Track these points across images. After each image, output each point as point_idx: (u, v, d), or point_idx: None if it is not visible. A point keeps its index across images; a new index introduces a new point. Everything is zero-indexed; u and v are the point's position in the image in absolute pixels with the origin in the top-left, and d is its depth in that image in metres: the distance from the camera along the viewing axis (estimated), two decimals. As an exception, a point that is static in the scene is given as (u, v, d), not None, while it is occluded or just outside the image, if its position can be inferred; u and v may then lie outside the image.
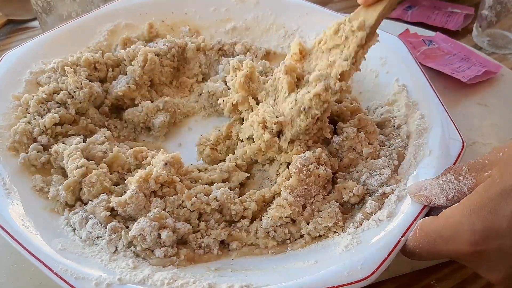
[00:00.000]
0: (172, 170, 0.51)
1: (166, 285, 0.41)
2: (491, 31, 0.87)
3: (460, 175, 0.42)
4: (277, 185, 0.51)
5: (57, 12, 0.84)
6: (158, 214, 0.46)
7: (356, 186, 0.50)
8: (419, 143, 0.54)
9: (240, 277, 0.43)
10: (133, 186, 0.48)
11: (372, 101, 0.65)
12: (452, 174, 0.43)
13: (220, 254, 0.48)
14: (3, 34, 0.95)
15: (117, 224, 0.47)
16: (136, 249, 0.46)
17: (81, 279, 0.41)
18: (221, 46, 0.76)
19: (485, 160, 0.41)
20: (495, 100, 0.73)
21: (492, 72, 0.76)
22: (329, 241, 0.47)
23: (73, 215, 0.49)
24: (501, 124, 0.69)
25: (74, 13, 0.85)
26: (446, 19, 0.95)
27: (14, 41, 0.93)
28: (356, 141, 0.55)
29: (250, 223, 0.50)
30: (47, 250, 0.44)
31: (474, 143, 0.66)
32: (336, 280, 0.40)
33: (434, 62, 0.78)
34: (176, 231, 0.46)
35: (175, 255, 0.46)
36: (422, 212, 0.45)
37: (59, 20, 0.84)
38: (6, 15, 0.97)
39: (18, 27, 0.97)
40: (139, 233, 0.45)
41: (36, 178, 0.53)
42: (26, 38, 0.93)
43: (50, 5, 0.83)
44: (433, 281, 0.53)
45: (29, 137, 0.57)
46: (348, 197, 0.50)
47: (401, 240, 0.43)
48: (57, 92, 0.61)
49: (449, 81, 0.75)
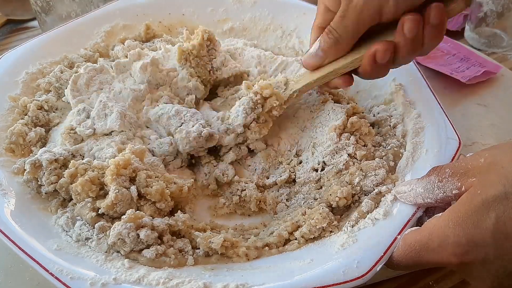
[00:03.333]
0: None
1: (162, 284, 0.41)
2: (483, 29, 0.86)
3: (444, 177, 0.42)
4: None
5: (57, 12, 0.84)
6: (133, 215, 0.46)
7: (340, 189, 0.49)
8: (416, 142, 0.54)
9: (235, 276, 0.43)
10: (112, 185, 0.48)
11: (368, 100, 0.65)
12: (435, 176, 0.43)
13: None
14: (2, 34, 0.95)
15: (105, 223, 0.47)
16: (120, 253, 0.45)
17: (76, 279, 0.41)
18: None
19: (468, 165, 0.41)
20: (495, 101, 0.73)
21: (491, 72, 0.76)
22: (325, 240, 0.47)
23: (61, 215, 0.49)
24: (501, 125, 0.69)
25: (74, 13, 0.85)
26: (446, 19, 0.95)
27: (14, 41, 0.93)
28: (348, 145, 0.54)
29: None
30: (42, 250, 0.44)
31: (474, 143, 0.66)
32: (332, 279, 0.40)
33: (433, 62, 0.78)
34: (155, 229, 0.46)
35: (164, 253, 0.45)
36: (417, 211, 0.45)
37: (59, 20, 0.84)
38: (5, 15, 0.97)
39: (17, 27, 0.98)
40: (117, 238, 0.44)
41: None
42: (25, 38, 0.93)
43: (49, 5, 0.84)
44: (432, 281, 0.52)
45: (25, 138, 0.57)
46: (336, 202, 0.50)
47: (397, 238, 0.43)
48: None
49: (448, 82, 0.75)
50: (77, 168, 0.51)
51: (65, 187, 0.50)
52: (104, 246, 0.45)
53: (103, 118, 0.56)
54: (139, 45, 0.72)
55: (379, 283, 0.51)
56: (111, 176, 0.48)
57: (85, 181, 0.49)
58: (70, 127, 0.57)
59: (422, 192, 0.44)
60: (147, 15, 0.78)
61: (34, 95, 0.64)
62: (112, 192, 0.47)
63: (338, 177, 0.52)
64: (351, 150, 0.53)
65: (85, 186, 0.49)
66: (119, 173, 0.48)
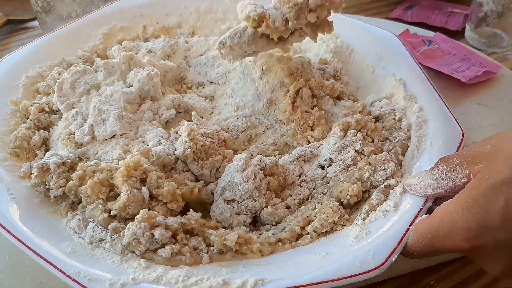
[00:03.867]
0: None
1: (181, 282, 0.41)
2: (484, 29, 0.88)
3: (452, 167, 0.42)
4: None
5: (57, 12, 0.84)
6: (146, 215, 0.46)
7: (351, 187, 0.50)
8: (420, 135, 0.54)
9: (253, 272, 0.43)
10: (124, 187, 0.48)
11: (369, 96, 0.66)
12: (443, 166, 0.43)
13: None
14: (2, 34, 0.95)
15: (118, 224, 0.47)
16: (135, 253, 0.45)
17: (94, 281, 0.41)
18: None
19: (475, 152, 0.41)
20: (495, 100, 0.73)
21: (492, 72, 0.76)
22: (337, 234, 0.48)
23: (71, 218, 0.49)
24: (501, 124, 0.69)
25: (74, 13, 0.85)
26: (446, 19, 0.96)
27: (14, 41, 0.93)
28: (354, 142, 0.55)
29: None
30: (57, 253, 0.43)
31: (474, 143, 0.65)
32: (349, 271, 0.41)
33: (434, 62, 0.79)
34: (169, 228, 0.46)
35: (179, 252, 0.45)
36: (427, 201, 0.46)
37: (59, 20, 0.84)
38: (5, 15, 0.97)
39: (17, 27, 0.97)
40: (132, 238, 0.44)
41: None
42: (25, 38, 0.93)
43: (49, 5, 0.83)
44: (432, 281, 0.53)
45: (29, 142, 0.57)
46: (346, 200, 0.50)
47: (410, 229, 0.44)
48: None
49: (449, 81, 0.75)
50: (85, 170, 0.50)
51: (74, 190, 0.50)
52: (118, 247, 0.45)
53: (101, 124, 0.56)
54: (136, 46, 0.72)
55: (380, 283, 0.52)
56: (121, 178, 0.48)
57: (94, 183, 0.49)
58: (69, 132, 0.57)
59: (431, 183, 0.45)
60: (145, 16, 0.78)
61: (35, 98, 0.63)
62: (124, 194, 0.47)
63: (346, 172, 0.53)
64: (359, 146, 0.54)
65: (95, 188, 0.48)
66: (130, 174, 0.48)
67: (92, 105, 0.57)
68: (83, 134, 0.55)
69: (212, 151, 0.54)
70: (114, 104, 0.58)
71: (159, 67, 0.65)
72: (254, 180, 0.51)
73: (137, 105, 0.60)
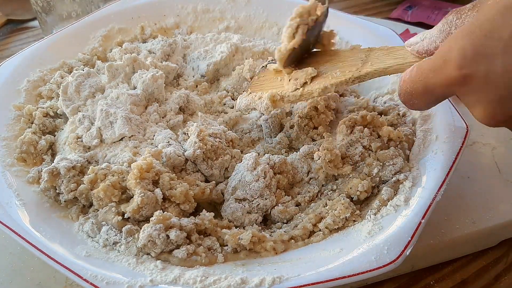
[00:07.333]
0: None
1: (199, 283, 0.41)
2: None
3: (464, 13, 0.40)
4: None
5: (57, 12, 0.84)
6: (161, 216, 0.46)
7: (360, 182, 0.50)
8: (425, 129, 0.55)
9: (269, 270, 0.43)
10: (137, 189, 0.48)
11: (370, 92, 0.67)
12: (454, 15, 0.41)
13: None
14: (2, 34, 0.94)
15: (132, 226, 0.47)
16: (150, 255, 0.45)
17: (112, 284, 0.41)
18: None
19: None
20: None
21: None
22: (350, 229, 0.48)
23: (84, 222, 0.49)
24: None
25: (74, 13, 0.85)
26: (446, 19, 0.97)
27: (14, 41, 0.93)
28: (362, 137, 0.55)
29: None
30: (72, 257, 0.43)
31: (474, 143, 0.67)
32: (365, 266, 0.41)
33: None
34: (183, 229, 0.46)
35: (194, 252, 0.45)
36: (437, 195, 0.47)
37: (59, 20, 0.84)
38: (6, 15, 0.96)
39: (17, 27, 0.97)
40: (148, 240, 0.44)
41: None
42: (25, 38, 0.93)
43: (50, 5, 0.83)
44: (432, 281, 0.54)
45: (36, 146, 0.56)
46: (356, 196, 0.51)
47: (421, 223, 0.44)
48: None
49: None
50: (96, 173, 0.50)
51: (85, 193, 0.50)
52: (133, 249, 0.45)
53: (109, 127, 0.56)
54: (136, 48, 0.72)
55: (380, 283, 0.53)
56: (134, 180, 0.48)
57: (107, 187, 0.48)
58: (76, 136, 0.57)
59: (436, 35, 0.42)
60: (142, 17, 0.78)
61: (38, 103, 0.63)
62: (137, 196, 0.47)
63: (354, 168, 0.53)
64: (366, 142, 0.55)
65: (107, 191, 0.48)
66: (143, 176, 0.48)
67: (99, 108, 0.57)
68: (91, 138, 0.55)
69: (221, 151, 0.55)
70: (120, 107, 0.58)
71: (162, 68, 0.65)
72: (264, 179, 0.51)
73: (143, 107, 0.60)
